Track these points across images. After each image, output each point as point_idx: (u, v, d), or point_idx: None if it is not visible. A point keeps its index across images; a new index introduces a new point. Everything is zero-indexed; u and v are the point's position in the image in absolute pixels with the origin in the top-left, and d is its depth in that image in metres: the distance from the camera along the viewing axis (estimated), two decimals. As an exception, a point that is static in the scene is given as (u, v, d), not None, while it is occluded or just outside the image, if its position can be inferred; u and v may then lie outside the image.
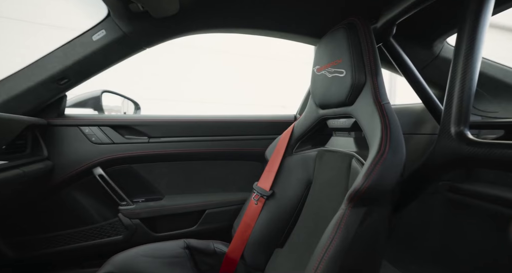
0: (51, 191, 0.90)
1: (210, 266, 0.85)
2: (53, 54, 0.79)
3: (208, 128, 1.06)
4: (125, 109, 1.31)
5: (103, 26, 0.78)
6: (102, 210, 0.97)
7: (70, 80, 0.82)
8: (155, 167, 1.02)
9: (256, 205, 0.83)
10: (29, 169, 0.73)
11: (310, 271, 0.43)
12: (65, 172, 0.90)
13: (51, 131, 0.89)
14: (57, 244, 0.91)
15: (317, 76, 0.72)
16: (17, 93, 0.77)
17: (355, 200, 0.44)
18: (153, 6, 0.69)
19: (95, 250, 0.95)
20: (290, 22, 0.87)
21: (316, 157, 0.76)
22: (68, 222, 0.93)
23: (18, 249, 0.88)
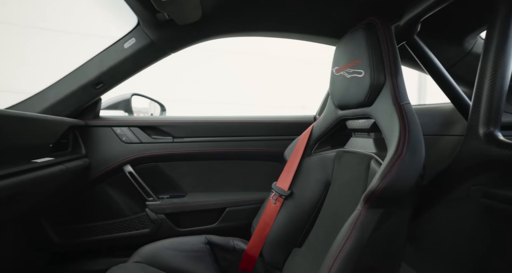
0: (88, 186, 0.99)
1: (230, 262, 0.88)
2: (91, 61, 0.87)
3: (229, 128, 1.10)
4: (152, 110, 1.40)
5: (133, 35, 0.85)
6: (131, 205, 1.04)
7: (105, 84, 0.90)
8: (179, 165, 1.08)
9: (274, 204, 0.84)
10: (70, 165, 0.82)
11: (324, 270, 0.44)
12: (100, 169, 0.98)
13: (88, 131, 0.98)
14: (93, 233, 1.00)
15: (336, 77, 0.71)
16: (62, 97, 0.86)
17: (371, 200, 0.44)
18: (178, 14, 0.74)
19: (125, 241, 1.02)
20: (309, 23, 0.87)
21: (335, 158, 0.76)
22: (103, 215, 1.01)
23: (62, 236, 0.98)
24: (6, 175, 0.57)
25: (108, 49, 0.87)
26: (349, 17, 0.80)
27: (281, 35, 0.93)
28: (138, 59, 0.88)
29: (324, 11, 0.81)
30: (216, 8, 0.79)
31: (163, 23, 0.81)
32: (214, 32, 0.88)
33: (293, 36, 0.93)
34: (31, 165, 0.67)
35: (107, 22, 0.95)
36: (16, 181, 0.59)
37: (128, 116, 1.13)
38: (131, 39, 0.85)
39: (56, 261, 1.01)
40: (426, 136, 0.84)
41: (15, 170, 0.61)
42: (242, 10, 0.81)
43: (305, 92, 3.58)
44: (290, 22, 0.87)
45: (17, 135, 0.66)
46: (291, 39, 0.95)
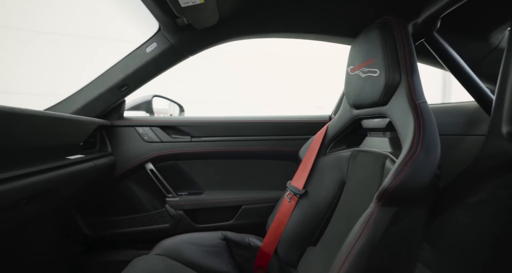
0: (113, 182, 1.06)
1: (245, 258, 0.90)
2: (117, 65, 0.93)
3: (246, 128, 1.12)
4: (171, 111, 1.46)
5: (154, 39, 0.90)
6: (152, 201, 1.10)
7: (129, 87, 0.96)
8: (197, 164, 1.12)
9: (289, 203, 0.85)
10: (99, 162, 0.88)
11: (336, 266, 0.45)
12: (124, 166, 1.05)
13: (113, 131, 1.05)
14: (119, 226, 1.07)
15: (351, 76, 0.71)
16: (91, 99, 0.93)
17: (384, 199, 0.44)
18: (196, 19, 0.78)
19: (147, 235, 1.08)
20: (324, 23, 0.87)
21: (350, 157, 0.76)
22: (126, 209, 1.08)
23: (92, 228, 1.05)
24: (45, 170, 0.63)
25: (132, 53, 0.92)
26: (364, 16, 0.80)
27: (296, 36, 0.94)
28: (159, 62, 0.93)
29: (339, 10, 0.81)
30: (232, 12, 0.82)
31: (182, 28, 0.85)
32: (231, 34, 0.91)
33: (308, 36, 0.94)
34: (66, 161, 0.74)
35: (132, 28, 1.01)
36: (53, 175, 0.65)
37: (149, 117, 1.19)
38: (152, 43, 0.90)
39: (86, 251, 1.09)
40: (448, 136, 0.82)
41: (53, 165, 0.67)
42: (257, 13, 0.84)
43: (321, 92, 3.54)
44: (304, 23, 0.88)
45: (54, 134, 0.73)
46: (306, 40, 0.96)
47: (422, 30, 0.71)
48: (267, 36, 0.95)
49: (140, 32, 0.96)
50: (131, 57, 0.93)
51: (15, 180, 0.54)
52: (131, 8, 0.96)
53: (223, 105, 3.93)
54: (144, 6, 0.77)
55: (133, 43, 0.93)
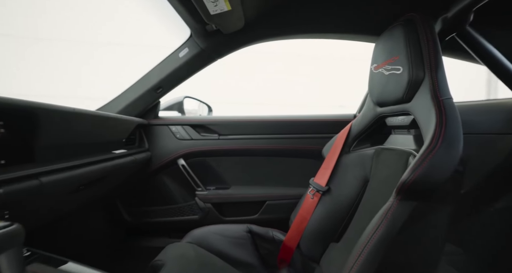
0: (149, 176, 1.17)
1: (269, 251, 0.94)
2: (153, 70, 1.03)
3: (270, 127, 1.16)
4: (201, 111, 1.55)
5: (186, 45, 0.98)
6: (183, 194, 1.19)
7: (164, 89, 1.05)
8: (224, 160, 1.19)
9: (312, 199, 0.87)
10: (138, 157, 0.99)
11: (352, 258, 0.46)
12: (158, 161, 1.15)
13: (150, 129, 1.16)
14: (154, 216, 1.18)
15: (375, 74, 0.71)
16: (132, 100, 1.04)
17: (403, 192, 0.45)
18: (224, 25, 0.84)
19: (178, 225, 1.17)
20: (348, 22, 0.88)
21: (374, 155, 0.76)
22: (160, 201, 1.18)
23: (132, 216, 1.17)
24: (98, 161, 0.74)
25: (167, 58, 1.01)
26: (390, 14, 0.79)
27: (320, 36, 0.95)
28: (191, 65, 1.01)
29: (364, 9, 0.81)
30: (258, 16, 0.86)
31: (211, 33, 0.92)
32: (256, 37, 0.96)
33: (332, 36, 0.94)
34: (112, 155, 0.84)
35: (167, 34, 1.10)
36: (104, 166, 0.75)
37: (181, 116, 1.28)
38: (184, 49, 0.98)
39: (127, 236, 1.21)
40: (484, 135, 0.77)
41: (103, 157, 0.77)
42: (281, 16, 0.87)
43: (345, 91, 3.45)
44: (328, 23, 0.89)
45: (104, 131, 0.84)
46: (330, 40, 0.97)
47: (453, 25, 0.69)
48: (291, 38, 0.98)
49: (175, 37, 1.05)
50: (166, 61, 1.02)
51: (75, 168, 0.65)
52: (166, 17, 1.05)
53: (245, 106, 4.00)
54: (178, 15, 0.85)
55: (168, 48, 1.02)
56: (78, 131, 0.71)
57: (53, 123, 0.60)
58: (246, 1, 0.74)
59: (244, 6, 0.75)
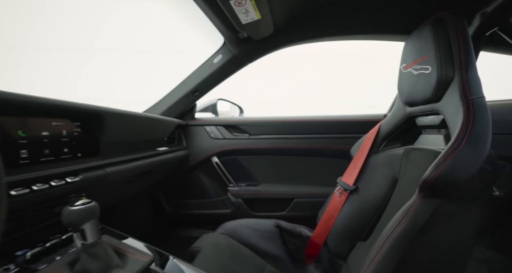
0: (187, 172, 1.28)
1: (297, 247, 0.98)
2: (191, 75, 1.14)
3: (299, 127, 1.20)
4: (232, 112, 1.64)
5: (220, 52, 1.06)
6: (217, 189, 1.28)
7: (200, 92, 1.16)
8: (254, 159, 1.25)
9: (339, 198, 0.89)
10: (178, 154, 1.10)
11: (372, 253, 0.49)
12: (195, 158, 1.26)
13: (187, 129, 1.27)
14: (190, 208, 1.29)
15: (404, 74, 0.71)
16: (173, 102, 1.15)
17: (425, 190, 0.46)
18: (254, 32, 0.90)
19: (211, 217, 1.27)
20: (378, 23, 0.88)
21: (403, 155, 0.75)
22: (196, 195, 1.29)
23: (172, 208, 1.30)
24: (145, 157, 0.86)
25: (203, 65, 1.11)
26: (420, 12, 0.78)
27: (349, 38, 0.97)
28: (224, 70, 1.09)
29: (393, 9, 0.81)
30: (286, 22, 0.91)
31: (242, 40, 0.99)
32: (285, 42, 1.00)
33: (361, 37, 0.95)
34: (157, 152, 0.96)
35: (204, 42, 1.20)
36: (150, 161, 0.87)
37: (215, 117, 1.39)
38: (218, 55, 1.07)
39: (168, 226, 1.35)
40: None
41: (150, 153, 0.89)
42: (309, 21, 0.91)
43: (377, 90, 3.29)
44: (357, 24, 0.90)
45: (150, 130, 0.96)
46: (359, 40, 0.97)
47: (494, 19, 0.66)
48: (320, 41, 1.00)
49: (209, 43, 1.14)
50: (202, 67, 1.12)
51: (129, 162, 0.76)
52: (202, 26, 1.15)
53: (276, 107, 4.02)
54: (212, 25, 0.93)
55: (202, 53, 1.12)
56: (131, 130, 0.83)
57: (114, 123, 0.72)
58: (275, 10, 0.79)
59: (273, 14, 0.80)
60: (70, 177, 0.55)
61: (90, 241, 0.43)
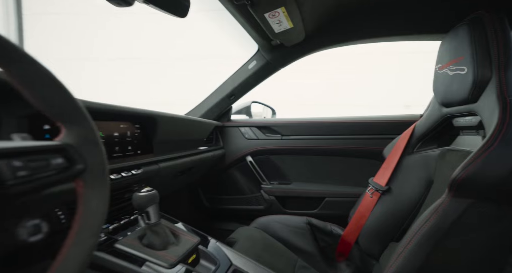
0: (223, 170, 1.39)
1: (327, 244, 1.01)
2: (228, 80, 1.23)
3: (330, 128, 1.23)
4: (265, 114, 1.71)
5: (254, 58, 1.14)
6: (251, 186, 1.36)
7: (235, 96, 1.25)
8: (286, 158, 1.31)
9: (371, 198, 0.90)
10: (215, 153, 1.21)
11: (402, 244, 0.51)
12: (230, 157, 1.36)
13: (224, 130, 1.38)
14: (226, 203, 1.40)
15: (439, 75, 0.71)
16: (211, 106, 1.27)
17: (454, 189, 0.47)
18: (287, 39, 0.96)
19: (245, 213, 1.36)
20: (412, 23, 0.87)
21: (438, 156, 0.74)
22: (232, 191, 1.39)
23: (210, 202, 1.42)
24: (189, 154, 0.97)
25: (238, 70, 1.20)
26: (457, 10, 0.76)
27: (382, 40, 0.97)
28: (258, 75, 1.17)
29: (428, 9, 0.80)
30: (317, 29, 0.95)
31: (276, 47, 1.05)
32: (316, 46, 1.04)
33: (394, 38, 0.95)
34: (198, 151, 1.08)
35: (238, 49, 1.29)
36: (193, 159, 0.98)
37: (249, 119, 1.47)
38: (253, 61, 1.15)
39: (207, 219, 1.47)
40: None
41: (192, 152, 1.01)
42: (341, 25, 0.93)
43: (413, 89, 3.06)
44: (391, 26, 0.90)
45: (192, 131, 1.07)
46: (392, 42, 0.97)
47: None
48: (353, 43, 1.02)
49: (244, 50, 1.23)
50: (237, 73, 1.21)
51: (176, 159, 0.88)
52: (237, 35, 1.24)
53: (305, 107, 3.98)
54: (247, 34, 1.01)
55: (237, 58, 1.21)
56: (177, 131, 0.95)
57: (164, 125, 0.84)
58: (306, 17, 0.84)
59: (304, 22, 0.85)
60: (135, 170, 0.67)
61: (153, 221, 0.53)
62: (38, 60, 0.29)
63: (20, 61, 0.27)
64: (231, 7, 0.77)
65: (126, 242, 0.51)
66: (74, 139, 0.31)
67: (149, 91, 4.00)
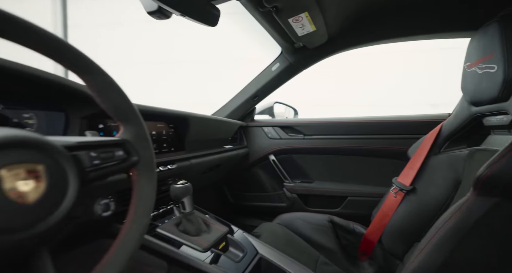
0: (247, 168, 1.45)
1: (350, 242, 1.02)
2: (252, 82, 1.29)
3: (352, 128, 1.23)
4: (287, 114, 1.74)
5: (278, 60, 1.18)
6: (273, 184, 1.41)
7: (259, 97, 1.30)
8: (308, 158, 1.33)
9: (394, 198, 0.90)
10: (239, 151, 1.27)
11: (425, 241, 0.52)
12: (254, 156, 1.41)
13: (248, 130, 1.43)
14: (250, 200, 1.46)
15: (468, 73, 0.70)
16: (236, 106, 1.33)
17: (478, 187, 0.47)
18: (309, 42, 0.99)
19: (268, 210, 1.40)
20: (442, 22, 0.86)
21: (467, 156, 0.73)
22: (255, 188, 1.44)
23: (234, 199, 1.49)
24: (216, 152, 1.04)
25: (262, 72, 1.25)
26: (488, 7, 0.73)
27: (407, 39, 0.96)
28: (281, 77, 1.21)
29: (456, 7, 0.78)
30: (340, 30, 0.97)
31: (298, 50, 1.08)
32: (339, 48, 1.06)
33: (420, 37, 0.93)
34: (223, 149, 1.14)
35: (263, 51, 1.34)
36: (219, 156, 1.05)
37: (272, 119, 1.52)
38: (276, 63, 1.19)
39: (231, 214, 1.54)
40: None
41: (219, 150, 1.08)
42: (364, 27, 0.94)
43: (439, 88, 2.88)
44: (415, 26, 0.90)
45: (219, 131, 1.14)
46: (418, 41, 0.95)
47: None
48: (376, 44, 1.02)
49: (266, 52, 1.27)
50: (261, 75, 1.26)
51: (205, 156, 0.95)
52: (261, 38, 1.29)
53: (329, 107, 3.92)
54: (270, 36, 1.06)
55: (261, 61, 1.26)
56: (206, 130, 1.02)
57: (195, 125, 0.91)
58: (329, 21, 0.87)
59: (327, 25, 0.88)
60: (170, 165, 0.74)
61: (188, 211, 0.60)
62: (107, 72, 0.36)
63: (96, 73, 0.34)
64: (256, 13, 0.82)
65: (165, 227, 0.58)
66: (130, 135, 0.38)
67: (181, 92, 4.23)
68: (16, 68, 0.42)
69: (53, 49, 0.30)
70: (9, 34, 0.26)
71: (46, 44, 0.29)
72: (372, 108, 3.67)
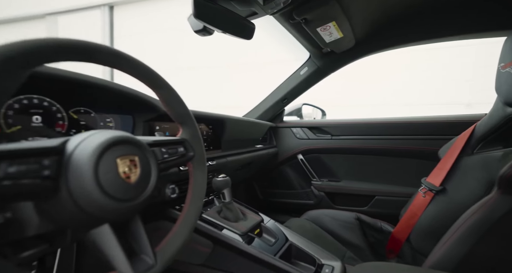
0: (276, 166, 1.53)
1: (377, 240, 1.04)
2: (281, 85, 1.36)
3: (379, 128, 1.25)
4: (315, 115, 1.78)
5: (306, 65, 1.24)
6: (301, 182, 1.47)
7: (288, 99, 1.37)
8: (336, 157, 1.37)
9: (423, 197, 0.91)
10: (269, 151, 1.36)
11: (448, 235, 0.55)
12: (283, 155, 1.48)
13: (277, 130, 1.51)
14: (278, 197, 1.53)
15: (502, 74, 0.70)
16: (266, 108, 1.41)
17: (502, 186, 0.49)
18: (337, 47, 1.03)
19: (296, 206, 1.47)
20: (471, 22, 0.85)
21: (502, 157, 0.72)
22: (284, 186, 1.52)
23: (263, 195, 1.58)
24: (247, 151, 1.14)
25: (291, 76, 1.32)
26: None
27: (436, 41, 0.96)
28: (309, 80, 1.27)
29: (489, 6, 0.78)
30: (367, 35, 1.00)
31: (326, 54, 1.13)
32: (366, 52, 1.09)
33: (450, 38, 0.93)
34: (254, 148, 1.24)
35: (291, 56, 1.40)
36: (251, 155, 1.15)
37: (300, 120, 1.58)
38: (304, 68, 1.25)
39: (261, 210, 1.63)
40: None
41: (250, 149, 1.17)
42: (391, 30, 0.96)
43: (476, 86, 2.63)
44: (444, 28, 0.90)
45: (250, 131, 1.24)
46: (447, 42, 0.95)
47: None
48: (404, 46, 1.03)
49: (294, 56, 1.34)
50: (290, 78, 1.33)
51: (239, 154, 1.05)
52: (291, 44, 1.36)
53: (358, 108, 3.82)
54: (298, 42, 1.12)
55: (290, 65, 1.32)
56: (239, 131, 1.12)
57: (230, 126, 1.01)
58: (356, 27, 0.91)
59: (354, 31, 0.92)
60: (210, 161, 0.85)
61: (227, 200, 0.70)
62: (171, 85, 0.47)
63: (165, 88, 0.44)
64: (286, 24, 0.90)
65: (209, 214, 0.69)
66: (188, 135, 0.49)
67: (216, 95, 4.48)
68: (101, 84, 0.55)
69: (142, 73, 0.41)
70: (115, 64, 0.38)
71: (135, 69, 0.40)
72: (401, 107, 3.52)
